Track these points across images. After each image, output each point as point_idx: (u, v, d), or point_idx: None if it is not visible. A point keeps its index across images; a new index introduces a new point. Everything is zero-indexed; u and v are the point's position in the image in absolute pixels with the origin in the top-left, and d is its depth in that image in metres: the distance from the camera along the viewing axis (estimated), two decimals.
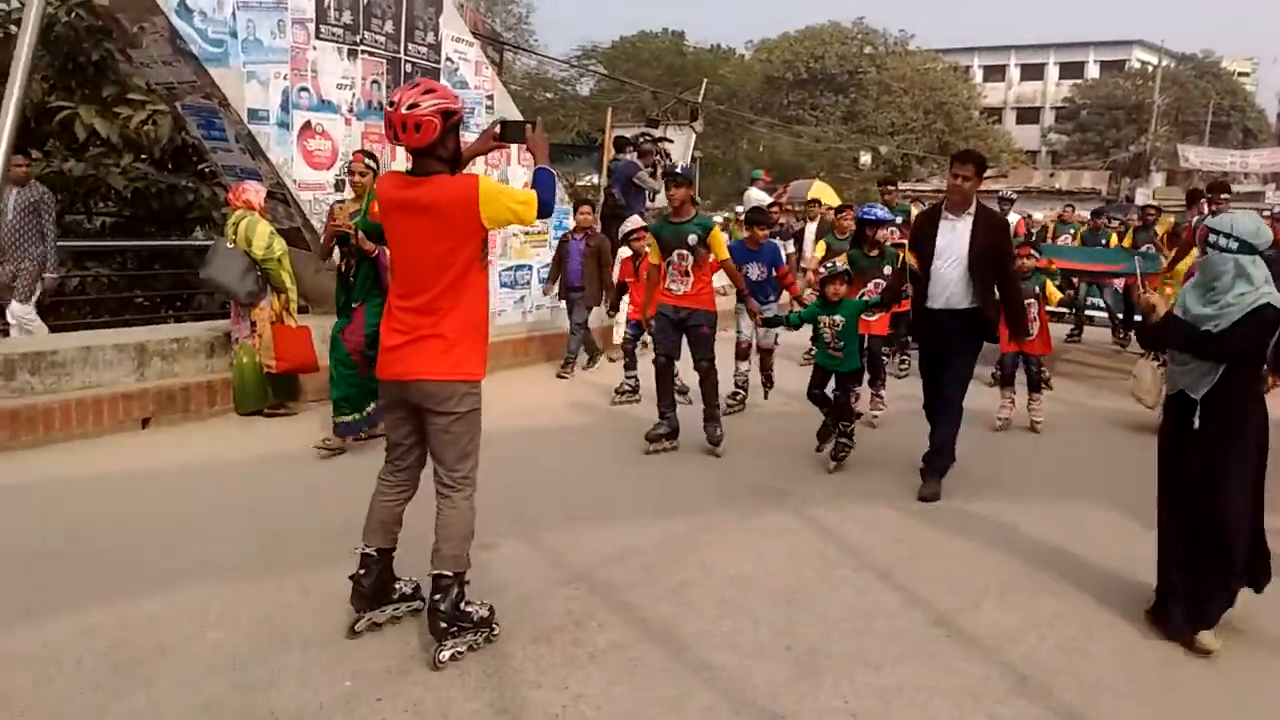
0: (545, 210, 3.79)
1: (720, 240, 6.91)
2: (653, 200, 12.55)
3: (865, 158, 41.20)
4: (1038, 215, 20.32)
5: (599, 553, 4.98)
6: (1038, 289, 8.08)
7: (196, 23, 7.12)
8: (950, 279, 6.05)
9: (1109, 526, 5.69)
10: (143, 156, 11.42)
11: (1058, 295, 8.35)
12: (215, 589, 4.34)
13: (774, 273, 8.21)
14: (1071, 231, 14.68)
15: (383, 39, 8.55)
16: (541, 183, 3.80)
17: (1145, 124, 50.46)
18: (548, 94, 44.20)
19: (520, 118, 10.25)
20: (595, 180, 15.23)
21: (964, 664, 3.97)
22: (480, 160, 5.72)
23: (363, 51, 8.39)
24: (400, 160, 8.41)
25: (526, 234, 10.22)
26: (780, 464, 6.76)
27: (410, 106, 3.55)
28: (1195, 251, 8.00)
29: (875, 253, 7.72)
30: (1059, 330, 12.33)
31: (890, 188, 12.69)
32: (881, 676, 3.83)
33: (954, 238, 6.06)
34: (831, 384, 6.76)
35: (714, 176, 39.35)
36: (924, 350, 6.50)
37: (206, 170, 11.47)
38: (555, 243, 10.03)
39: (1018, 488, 6.47)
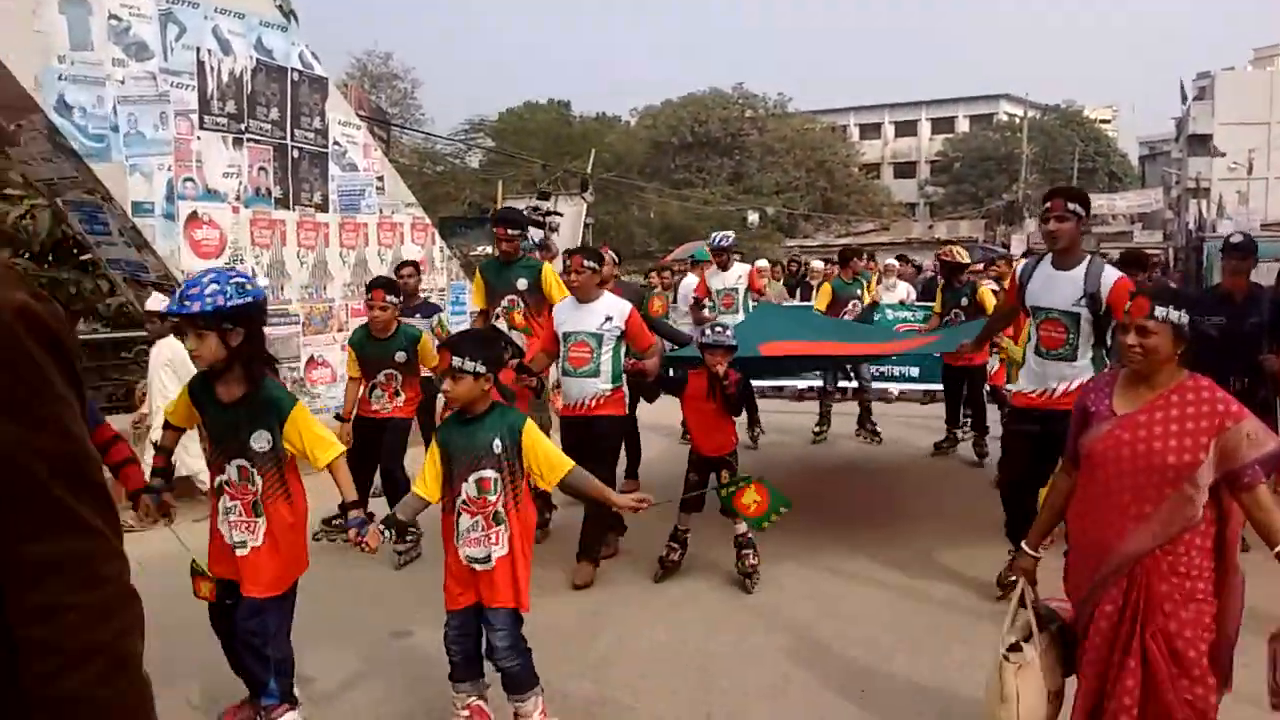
0: None
1: None
2: None
3: (753, 217, 42.13)
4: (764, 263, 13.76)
5: None
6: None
7: (76, 119, 7.02)
8: None
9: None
10: (22, 251, 11.12)
11: None
12: None
13: None
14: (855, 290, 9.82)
15: (268, 126, 8.53)
16: None
17: (1016, 173, 52.74)
18: (437, 168, 44.23)
19: (409, 197, 10.32)
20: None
21: None
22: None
23: (248, 139, 8.35)
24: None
25: None
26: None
27: None
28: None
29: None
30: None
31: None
32: None
33: None
34: None
35: (606, 241, 39.76)
36: None
37: (88, 262, 11.21)
38: None
39: (916, 536, 6.56)
